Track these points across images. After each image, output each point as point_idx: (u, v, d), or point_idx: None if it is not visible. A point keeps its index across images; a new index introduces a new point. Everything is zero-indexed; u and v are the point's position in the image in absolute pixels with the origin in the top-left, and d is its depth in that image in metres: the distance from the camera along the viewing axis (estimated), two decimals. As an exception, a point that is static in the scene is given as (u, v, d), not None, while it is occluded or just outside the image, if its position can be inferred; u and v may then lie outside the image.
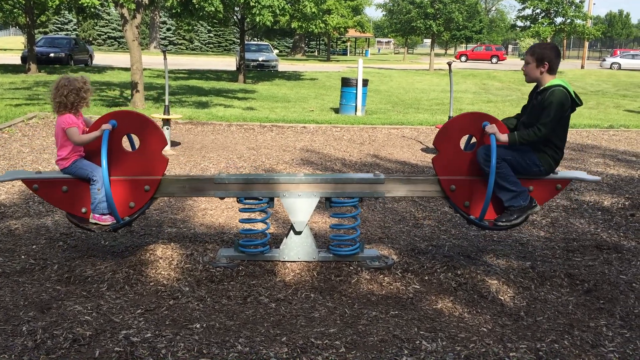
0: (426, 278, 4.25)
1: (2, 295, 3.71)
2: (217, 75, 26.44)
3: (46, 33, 49.95)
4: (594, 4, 44.71)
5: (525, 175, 4.21)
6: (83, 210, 4.15)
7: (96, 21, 56.91)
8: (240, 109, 14.49)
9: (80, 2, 14.87)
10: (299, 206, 4.24)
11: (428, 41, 50.50)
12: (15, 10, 22.54)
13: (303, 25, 23.77)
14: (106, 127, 3.96)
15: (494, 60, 53.33)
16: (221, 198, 4.26)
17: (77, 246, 4.73)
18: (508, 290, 4.12)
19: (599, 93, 25.04)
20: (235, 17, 23.67)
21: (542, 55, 4.11)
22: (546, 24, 34.73)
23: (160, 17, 55.79)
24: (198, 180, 4.29)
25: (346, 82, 14.42)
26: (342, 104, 14.53)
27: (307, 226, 4.31)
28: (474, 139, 4.33)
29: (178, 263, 4.22)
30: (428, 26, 36.37)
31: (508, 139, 4.07)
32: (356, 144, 10.06)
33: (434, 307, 3.82)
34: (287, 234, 4.33)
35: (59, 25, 58.10)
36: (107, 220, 4.09)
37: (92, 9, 24.84)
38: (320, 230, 5.36)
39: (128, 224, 4.24)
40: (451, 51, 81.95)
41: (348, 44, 71.43)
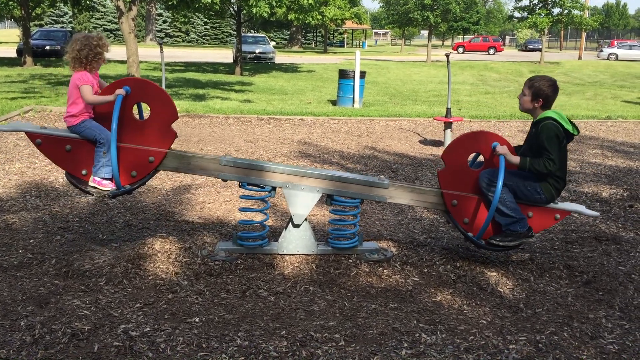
0: (425, 270, 4.24)
1: (0, 290, 3.69)
2: (214, 67, 26.35)
3: (42, 26, 49.64)
4: (592, -5, 44.55)
5: (525, 201, 4.18)
6: (83, 172, 4.11)
7: (92, 14, 56.50)
8: (237, 102, 14.44)
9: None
10: (301, 199, 4.23)
11: (425, 32, 50.41)
12: (10, 2, 22.39)
13: (300, 17, 23.62)
14: (120, 92, 3.93)
15: (492, 51, 53.24)
16: (224, 180, 4.23)
17: (75, 240, 4.71)
18: (507, 282, 4.12)
19: (597, 84, 25.02)
20: (231, 9, 23.56)
21: (539, 91, 4.07)
22: (543, 15, 34.61)
23: (156, 10, 55.48)
24: (203, 159, 4.24)
25: (343, 74, 14.38)
26: (340, 96, 14.50)
27: (306, 219, 4.30)
28: (482, 157, 4.32)
29: (176, 257, 4.21)
30: (425, 17, 36.28)
31: (519, 162, 4.05)
32: (354, 136, 10.04)
33: (433, 300, 3.82)
34: (286, 227, 4.32)
35: (55, 17, 57.79)
36: (107, 185, 4.06)
37: (88, 1, 24.75)
38: (318, 223, 5.35)
39: (127, 193, 4.21)
40: (448, 42, 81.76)
41: (345, 36, 71.22)
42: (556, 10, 35.50)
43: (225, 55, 37.94)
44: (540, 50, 39.03)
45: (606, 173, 7.69)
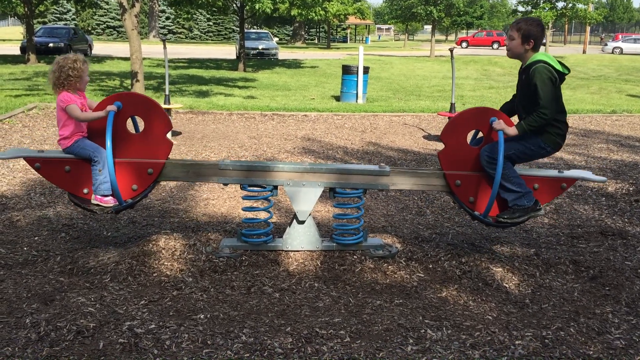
0: (430, 266, 4.23)
1: (5, 287, 3.70)
2: (217, 64, 26.33)
3: (45, 23, 49.71)
4: (596, -12, 44.34)
5: (534, 160, 4.13)
6: (85, 191, 4.13)
7: (95, 10, 56.57)
8: (240, 98, 14.43)
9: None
10: (303, 195, 4.21)
11: (428, 27, 50.26)
12: (13, 0, 22.40)
13: (303, 12, 23.55)
14: (111, 109, 3.94)
15: (495, 46, 52.99)
16: (225, 184, 4.23)
17: (80, 237, 4.71)
18: (513, 277, 4.10)
19: (601, 78, 24.91)
20: (234, 5, 23.51)
21: (529, 32, 3.96)
22: (548, 9, 34.47)
23: (159, 6, 55.44)
24: (202, 165, 4.26)
25: (347, 70, 14.34)
26: (343, 92, 14.47)
27: (310, 215, 4.29)
28: (481, 134, 4.28)
29: (181, 253, 4.20)
30: (429, 12, 36.17)
31: (517, 131, 4.00)
32: (358, 132, 10.01)
33: (439, 296, 3.81)
34: (290, 224, 4.31)
35: (58, 15, 57.79)
36: (109, 202, 4.07)
37: (91, -2, 24.76)
38: (323, 219, 5.34)
39: (130, 207, 4.22)
40: (452, 37, 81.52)
41: (348, 31, 71.03)
42: (560, 4, 35.35)
43: (228, 51, 37.91)
44: (544, 44, 38.86)
45: (612, 167, 7.66)
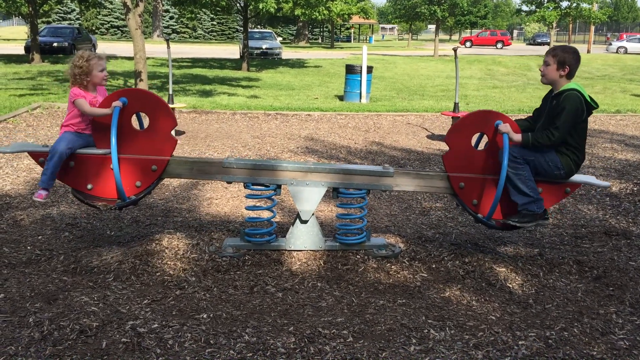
0: (434, 266, 4.22)
1: (9, 286, 3.71)
2: (221, 63, 26.34)
3: (49, 23, 49.82)
4: (600, -12, 44.21)
5: (545, 177, 4.12)
6: (89, 186, 4.14)
7: (99, 10, 56.70)
8: (244, 97, 14.43)
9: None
10: (307, 195, 4.21)
11: (432, 27, 50.19)
12: (18, 0, 22.46)
13: (306, 12, 23.55)
14: (117, 105, 3.96)
15: (499, 45, 52.93)
16: (228, 182, 4.24)
17: (83, 236, 4.72)
18: (516, 277, 4.09)
19: (606, 77, 24.83)
20: (238, 5, 23.52)
21: (564, 59, 4.02)
22: (552, 8, 34.39)
23: (163, 6, 55.53)
24: (206, 163, 4.27)
25: (350, 69, 14.33)
26: (347, 91, 14.46)
27: (314, 215, 4.28)
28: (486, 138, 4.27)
29: (184, 253, 4.21)
30: (432, 12, 36.11)
31: (521, 139, 4.00)
32: (361, 132, 10.00)
33: (442, 296, 3.80)
34: (294, 223, 4.30)
35: (62, 14, 57.92)
36: (40, 195, 4.10)
37: (95, -2, 24.81)
38: (326, 219, 5.33)
39: (133, 203, 4.23)
40: (456, 37, 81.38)
41: (352, 31, 71.02)
42: (564, 3, 35.26)
43: (232, 51, 37.94)
44: (548, 44, 38.84)
45: (616, 167, 7.63)
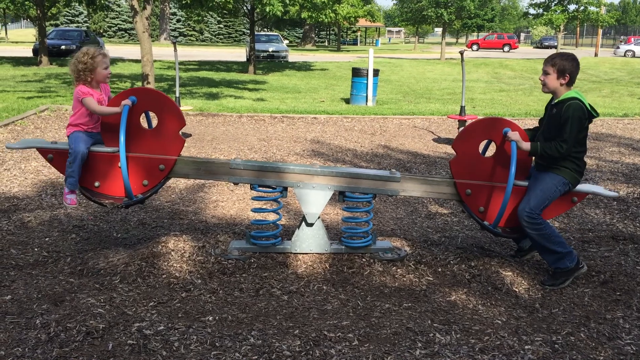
0: (439, 270, 4.21)
1: (16, 288, 3.73)
2: (227, 66, 26.41)
3: (57, 25, 50.15)
4: (608, -9, 44.08)
5: (558, 196, 4.08)
6: (96, 184, 4.16)
7: (106, 13, 57.08)
8: (250, 100, 14.46)
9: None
10: (313, 198, 4.21)
11: (439, 30, 50.15)
12: (26, 2, 22.63)
13: (313, 15, 23.59)
14: (126, 103, 3.98)
15: (506, 48, 52.84)
16: (235, 184, 4.24)
17: (90, 239, 4.74)
18: (522, 282, 4.08)
19: (613, 81, 24.72)
20: (245, 8, 23.58)
21: (564, 67, 4.01)
22: (559, 11, 34.29)
23: (170, 9, 55.73)
24: (213, 163, 4.28)
25: (357, 72, 14.33)
26: (353, 95, 14.46)
27: (319, 218, 4.29)
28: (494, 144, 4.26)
29: (190, 255, 4.22)
30: (439, 15, 36.05)
31: (530, 148, 3.99)
32: (367, 135, 10.00)
33: (448, 299, 3.79)
34: (299, 226, 4.31)
35: (70, 17, 58.29)
36: (72, 201, 4.13)
37: (103, 1, 24.95)
38: (332, 222, 5.34)
39: (140, 202, 4.24)
40: (462, 40, 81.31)
41: (358, 34, 71.04)
42: (572, 6, 35.15)
43: (238, 54, 38.02)
44: (555, 47, 38.72)
45: (623, 171, 7.60)
